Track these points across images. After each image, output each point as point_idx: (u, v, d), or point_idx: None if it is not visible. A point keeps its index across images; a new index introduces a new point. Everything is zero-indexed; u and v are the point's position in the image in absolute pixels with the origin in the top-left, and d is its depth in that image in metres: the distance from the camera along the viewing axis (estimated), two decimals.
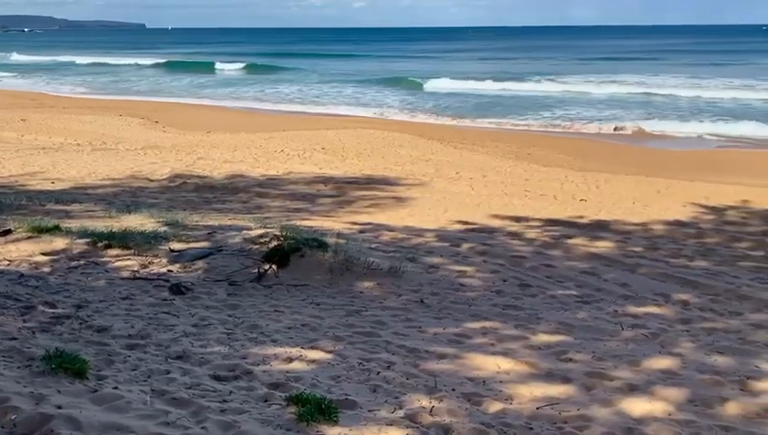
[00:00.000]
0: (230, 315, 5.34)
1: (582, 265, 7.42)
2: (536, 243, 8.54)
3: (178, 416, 3.36)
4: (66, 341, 4.40)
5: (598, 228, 9.46)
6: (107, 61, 57.98)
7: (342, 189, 12.07)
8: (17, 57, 66.94)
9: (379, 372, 4.26)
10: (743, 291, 6.66)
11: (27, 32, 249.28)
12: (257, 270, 6.40)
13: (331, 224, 9.08)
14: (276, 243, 6.84)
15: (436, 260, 7.33)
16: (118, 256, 6.77)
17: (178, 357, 4.31)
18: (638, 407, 3.92)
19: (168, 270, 6.47)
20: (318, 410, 3.45)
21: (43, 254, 6.70)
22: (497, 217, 10.04)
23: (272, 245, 6.84)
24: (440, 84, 34.50)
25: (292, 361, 4.36)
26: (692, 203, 11.04)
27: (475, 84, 34.41)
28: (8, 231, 7.26)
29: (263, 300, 5.84)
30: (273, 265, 6.45)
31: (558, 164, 14.90)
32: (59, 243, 6.97)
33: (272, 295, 5.98)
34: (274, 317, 5.34)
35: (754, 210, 10.69)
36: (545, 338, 5.11)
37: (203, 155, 15.17)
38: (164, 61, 55.85)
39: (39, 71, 49.44)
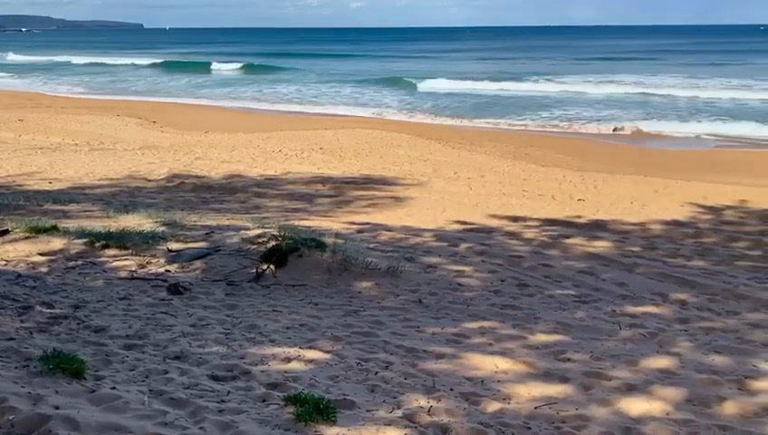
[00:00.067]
0: (228, 315, 5.33)
1: (580, 265, 7.43)
2: (534, 243, 8.55)
3: (176, 416, 3.36)
4: (64, 341, 4.40)
5: (596, 228, 9.47)
6: (104, 61, 57.88)
7: (340, 189, 12.06)
8: (13, 57, 66.83)
9: (377, 372, 4.26)
10: (740, 290, 6.67)
11: (25, 31, 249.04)
12: (255, 270, 6.40)
13: (329, 224, 9.07)
14: (274, 243, 6.84)
15: (434, 260, 7.33)
16: (115, 256, 6.76)
17: (176, 357, 4.30)
18: (636, 406, 3.92)
19: (166, 270, 6.47)
20: (316, 410, 3.45)
21: (40, 254, 6.69)
22: (495, 216, 10.04)
23: (270, 245, 6.83)
24: (436, 84, 34.46)
25: (290, 361, 4.36)
26: (690, 203, 11.05)
27: (474, 84, 34.41)
28: (6, 231, 7.25)
29: (261, 300, 5.83)
30: (272, 266, 6.44)
31: (556, 164, 14.90)
32: (56, 243, 6.96)
33: (270, 295, 5.98)
34: (272, 317, 5.34)
35: (752, 210, 10.70)
36: (543, 338, 5.12)
37: (201, 155, 15.16)
38: (161, 61, 55.75)
39: (36, 71, 49.39)
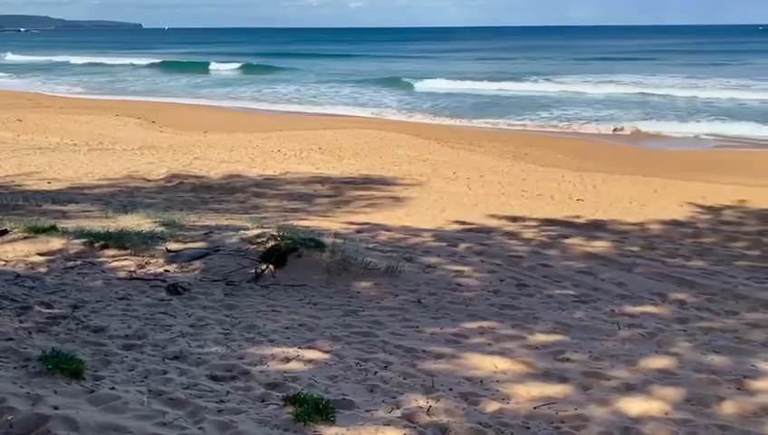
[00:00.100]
0: (227, 315, 5.33)
1: (579, 265, 7.43)
2: (533, 243, 8.55)
3: (175, 416, 3.36)
4: (63, 341, 4.39)
5: (595, 228, 9.48)
6: (102, 61, 57.82)
7: (339, 189, 12.06)
8: (12, 57, 66.75)
9: (376, 372, 4.27)
10: (739, 290, 6.67)
11: (23, 31, 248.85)
12: (254, 270, 6.40)
13: (328, 224, 9.07)
14: (273, 243, 6.84)
15: (433, 260, 7.33)
16: (114, 256, 6.76)
17: (175, 357, 4.30)
18: (635, 406, 3.93)
19: (165, 270, 6.46)
20: (315, 410, 3.45)
21: (39, 254, 6.68)
22: (494, 216, 10.04)
23: (269, 245, 6.83)
24: (436, 84, 34.43)
25: (289, 361, 4.36)
26: (689, 203, 11.06)
27: (473, 84, 34.39)
28: (4, 231, 7.24)
29: (260, 300, 5.83)
30: (271, 266, 6.44)
31: (555, 164, 14.91)
32: (55, 243, 6.96)
33: (269, 295, 5.98)
34: (272, 317, 5.34)
35: (751, 210, 10.71)
36: (542, 338, 5.12)
37: (200, 155, 15.15)
38: (159, 61, 55.70)
39: (35, 71, 49.34)
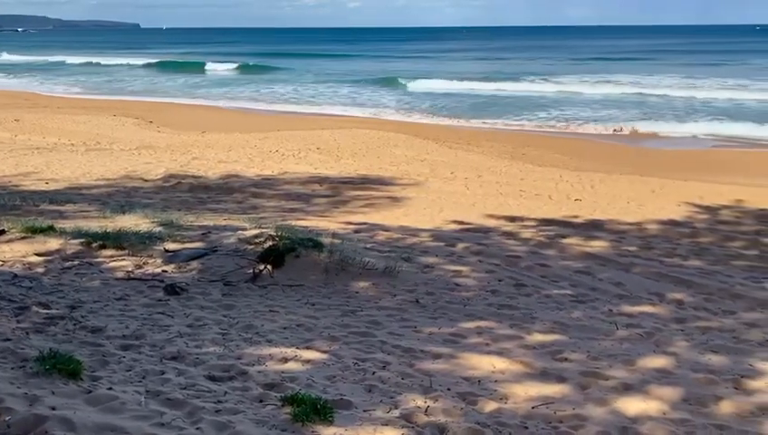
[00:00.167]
0: (225, 316, 5.33)
1: (577, 265, 7.44)
2: (531, 242, 8.55)
3: (173, 417, 3.36)
4: (60, 342, 4.39)
5: (592, 228, 9.48)
6: (100, 61, 57.72)
7: (337, 189, 12.06)
8: (8, 57, 66.62)
9: (374, 372, 4.26)
10: (736, 290, 6.68)
11: (21, 31, 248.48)
12: (252, 270, 6.39)
13: (327, 224, 9.07)
14: (271, 243, 6.84)
15: (431, 260, 7.33)
16: (112, 256, 6.75)
17: (173, 358, 4.30)
18: (632, 406, 3.93)
19: (163, 270, 6.46)
20: (313, 410, 3.45)
21: (36, 254, 6.67)
22: (492, 216, 10.05)
23: (267, 245, 6.83)
24: (433, 84, 34.40)
25: (287, 361, 4.36)
26: (686, 202, 11.07)
27: (471, 84, 34.39)
28: (2, 232, 7.24)
29: (258, 300, 5.83)
30: (269, 266, 6.44)
31: (553, 164, 14.92)
32: (53, 243, 6.95)
33: (267, 296, 5.98)
34: (270, 317, 5.34)
35: (748, 210, 10.73)
36: (540, 337, 5.12)
37: (198, 155, 15.14)
38: (156, 61, 55.61)
39: (32, 70, 49.26)
